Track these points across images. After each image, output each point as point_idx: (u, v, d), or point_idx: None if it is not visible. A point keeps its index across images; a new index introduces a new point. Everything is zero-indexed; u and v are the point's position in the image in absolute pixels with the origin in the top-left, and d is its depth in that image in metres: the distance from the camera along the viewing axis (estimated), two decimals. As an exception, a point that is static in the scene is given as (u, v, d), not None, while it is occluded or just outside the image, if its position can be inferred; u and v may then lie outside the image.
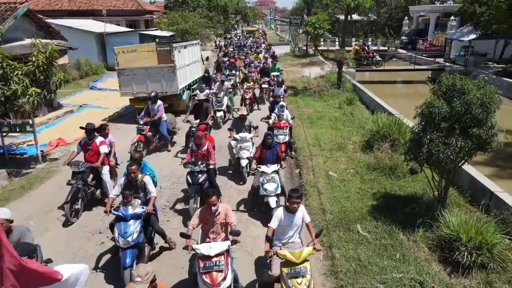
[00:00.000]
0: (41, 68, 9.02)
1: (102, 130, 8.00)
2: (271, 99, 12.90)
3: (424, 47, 33.97)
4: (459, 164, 6.44)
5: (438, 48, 32.43)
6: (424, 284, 5.13)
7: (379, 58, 27.72)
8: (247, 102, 14.26)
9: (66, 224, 6.95)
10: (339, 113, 14.11)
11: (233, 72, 17.99)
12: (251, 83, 15.31)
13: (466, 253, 5.42)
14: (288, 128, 9.96)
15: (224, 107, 12.89)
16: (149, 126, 10.17)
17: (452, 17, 29.51)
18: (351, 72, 22.70)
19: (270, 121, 10.08)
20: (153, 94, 10.56)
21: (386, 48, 37.58)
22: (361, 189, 8.02)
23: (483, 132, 5.87)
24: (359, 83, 19.68)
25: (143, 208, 5.52)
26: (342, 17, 21.68)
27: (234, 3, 65.23)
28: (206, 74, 15.67)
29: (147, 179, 5.93)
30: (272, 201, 6.83)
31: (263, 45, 34.46)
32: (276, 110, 10.33)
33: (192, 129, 9.80)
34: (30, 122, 9.77)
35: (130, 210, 5.39)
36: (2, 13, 12.33)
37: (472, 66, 24.04)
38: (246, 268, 5.72)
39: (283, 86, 14.17)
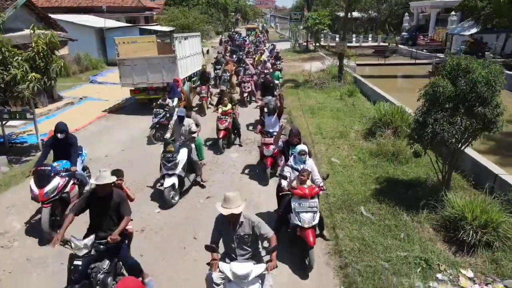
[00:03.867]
0: (41, 54, 8.95)
1: None
2: (280, 142, 6.75)
3: (425, 43, 33.86)
4: (464, 145, 6.38)
5: (439, 44, 32.36)
6: (429, 261, 5.08)
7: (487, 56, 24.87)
8: (221, 136, 9.55)
9: None
10: (341, 104, 14.03)
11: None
12: (229, 106, 9.96)
13: (471, 232, 5.37)
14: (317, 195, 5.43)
15: (178, 170, 7.17)
16: None
17: (453, 12, 29.43)
18: (351, 66, 22.65)
19: (284, 183, 5.52)
20: None
21: (386, 44, 37.46)
22: (364, 174, 7.98)
23: (488, 111, 5.81)
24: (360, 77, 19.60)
25: None
26: (342, 14, 21.62)
27: (234, 1, 65.16)
28: (164, 102, 10.71)
29: None
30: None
31: (267, 45, 31.77)
32: (291, 161, 5.80)
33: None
34: (31, 110, 9.71)
35: None
36: (2, 2, 12.29)
37: (473, 60, 23.96)
38: None
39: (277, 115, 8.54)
